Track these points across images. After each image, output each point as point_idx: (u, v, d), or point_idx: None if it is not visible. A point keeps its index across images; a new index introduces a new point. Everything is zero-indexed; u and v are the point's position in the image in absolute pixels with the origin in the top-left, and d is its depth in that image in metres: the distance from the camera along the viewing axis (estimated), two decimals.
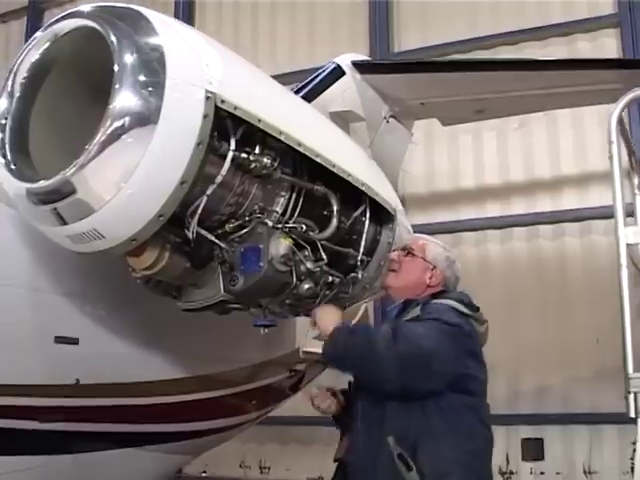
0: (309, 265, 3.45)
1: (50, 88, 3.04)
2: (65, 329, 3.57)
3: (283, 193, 3.44)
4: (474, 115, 6.19)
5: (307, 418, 8.69)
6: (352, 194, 3.77)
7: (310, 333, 3.79)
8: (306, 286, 3.54)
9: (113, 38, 2.72)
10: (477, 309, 3.53)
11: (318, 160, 3.39)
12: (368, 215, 3.92)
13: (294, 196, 3.47)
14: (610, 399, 8.25)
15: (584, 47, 9.45)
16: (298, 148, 3.26)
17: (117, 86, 2.67)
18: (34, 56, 3.00)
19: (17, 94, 2.99)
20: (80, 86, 3.15)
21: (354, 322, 6.92)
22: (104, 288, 3.79)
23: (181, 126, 2.74)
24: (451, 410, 3.23)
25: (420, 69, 5.40)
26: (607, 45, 9.37)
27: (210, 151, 2.92)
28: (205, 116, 2.79)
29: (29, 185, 2.79)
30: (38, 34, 3.02)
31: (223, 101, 2.86)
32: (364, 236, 3.93)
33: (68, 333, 3.57)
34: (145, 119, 2.65)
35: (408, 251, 3.73)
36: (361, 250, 3.91)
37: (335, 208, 3.60)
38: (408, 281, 3.68)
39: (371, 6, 10.55)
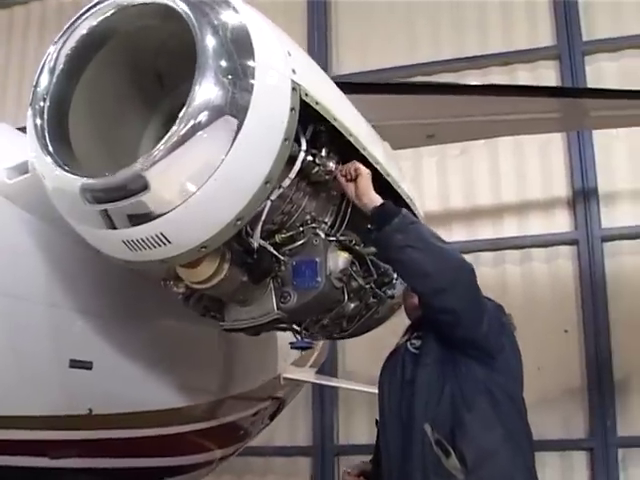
0: (361, 281, 3.16)
1: (97, 65, 2.63)
2: (80, 352, 3.14)
3: (334, 202, 3.15)
4: (425, 140, 6.12)
5: (262, 449, 8.35)
6: None
7: None
8: (352, 304, 3.27)
9: (191, 16, 2.35)
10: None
11: (377, 168, 3.12)
12: None
13: (344, 206, 3.17)
14: (552, 426, 8.24)
15: (524, 77, 9.51)
16: (362, 152, 3.00)
17: (199, 71, 2.30)
18: (89, 25, 2.57)
19: (60, 67, 2.55)
20: (128, 68, 2.76)
21: (314, 358, 6.68)
22: (121, 306, 3.36)
23: (270, 119, 2.41)
24: (488, 392, 2.96)
25: (374, 90, 5.22)
26: (546, 76, 9.45)
27: None
28: (292, 109, 2.47)
29: (86, 180, 2.37)
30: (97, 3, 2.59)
31: (307, 94, 2.56)
32: None
33: (83, 356, 3.14)
34: (232, 109, 2.30)
35: None
36: None
37: None
38: None
39: (309, 29, 10.31)
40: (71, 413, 3.10)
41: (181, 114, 2.26)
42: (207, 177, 2.30)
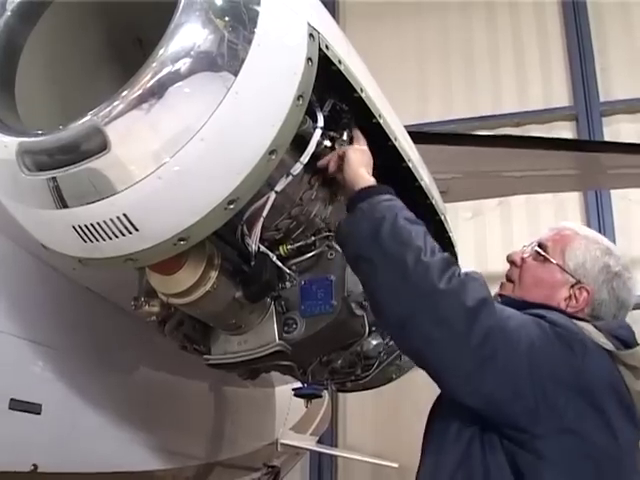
0: None
1: (61, 9, 2.01)
2: (25, 391, 2.45)
3: None
4: None
5: None
6: None
7: None
8: (374, 342, 2.61)
9: None
10: (633, 346, 2.09)
11: (410, 166, 2.49)
12: None
13: None
14: None
15: None
16: (394, 142, 2.36)
17: (184, 1, 1.69)
18: None
19: (14, 3, 1.94)
20: (101, 17, 2.15)
21: (315, 424, 5.95)
22: (84, 337, 2.69)
23: (278, 68, 1.80)
24: None
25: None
26: (562, 137, 9.10)
27: None
28: (309, 60, 1.86)
29: (25, 140, 1.73)
30: None
31: (327, 47, 1.95)
32: None
33: (28, 397, 2.45)
34: (226, 57, 1.68)
35: (538, 250, 2.34)
36: None
37: None
38: (532, 298, 2.27)
39: None
40: (9, 469, 2.39)
41: (152, 57, 1.65)
42: (186, 141, 1.67)
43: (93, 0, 2.10)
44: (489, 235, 9.06)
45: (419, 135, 5.08)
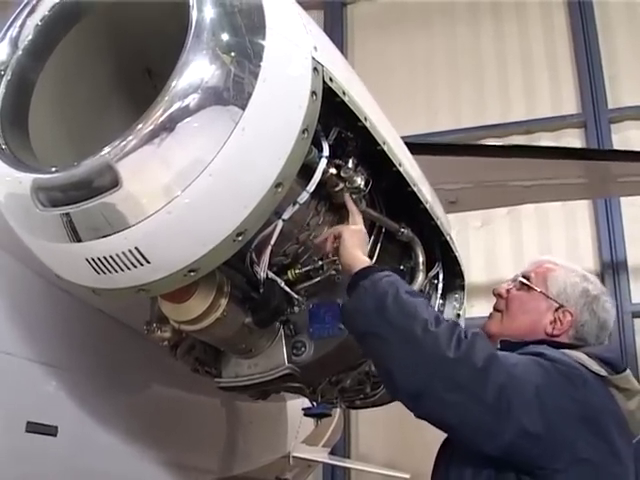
0: None
1: (73, 42, 2.08)
2: (41, 413, 2.50)
3: None
4: (447, 206, 5.79)
5: None
6: (427, 247, 2.91)
7: None
8: None
9: None
10: (623, 370, 2.25)
11: (415, 190, 2.54)
12: (441, 277, 3.07)
13: (373, 238, 2.60)
14: None
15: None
16: (398, 168, 2.41)
17: (191, 40, 1.75)
18: None
19: (28, 38, 2.00)
20: (110, 53, 2.23)
21: (327, 436, 5.98)
22: (98, 359, 2.75)
23: (283, 103, 1.85)
24: None
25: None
26: (571, 145, 9.16)
27: None
28: (313, 93, 1.91)
29: (39, 176, 1.79)
30: None
31: (331, 79, 2.00)
32: (435, 302, 3.06)
33: (45, 419, 2.51)
34: (233, 92, 1.73)
35: (522, 281, 2.53)
36: None
37: (421, 260, 2.75)
38: (520, 325, 2.46)
39: None
40: None
41: (162, 94, 1.70)
42: (195, 176, 1.72)
43: (102, 35, 2.15)
44: (499, 244, 9.05)
45: (428, 146, 5.14)
